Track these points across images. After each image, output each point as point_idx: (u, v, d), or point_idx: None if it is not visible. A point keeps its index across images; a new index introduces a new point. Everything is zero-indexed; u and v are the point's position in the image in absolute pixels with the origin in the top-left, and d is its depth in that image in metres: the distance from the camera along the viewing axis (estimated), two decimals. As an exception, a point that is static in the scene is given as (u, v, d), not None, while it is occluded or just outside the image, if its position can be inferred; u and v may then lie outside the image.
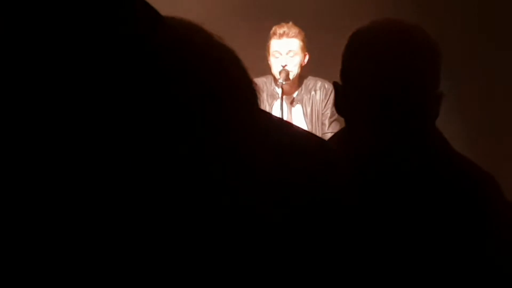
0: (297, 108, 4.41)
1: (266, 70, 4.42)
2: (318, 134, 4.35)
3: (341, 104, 1.64)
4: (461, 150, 1.69)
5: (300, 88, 4.42)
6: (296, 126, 1.26)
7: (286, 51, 4.33)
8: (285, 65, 4.27)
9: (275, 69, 4.31)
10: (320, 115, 4.39)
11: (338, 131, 1.73)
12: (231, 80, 1.05)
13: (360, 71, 1.59)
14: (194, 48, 1.04)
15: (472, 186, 1.59)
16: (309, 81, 4.44)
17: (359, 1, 5.01)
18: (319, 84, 4.42)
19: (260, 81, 4.40)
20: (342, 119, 1.70)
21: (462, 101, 4.88)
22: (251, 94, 1.08)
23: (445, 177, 1.58)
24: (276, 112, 4.26)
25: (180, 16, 1.10)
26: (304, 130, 1.28)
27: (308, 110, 4.39)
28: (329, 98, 4.38)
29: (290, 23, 4.41)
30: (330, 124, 4.37)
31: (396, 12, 4.31)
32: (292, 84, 4.35)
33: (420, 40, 1.60)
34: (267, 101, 4.37)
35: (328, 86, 4.38)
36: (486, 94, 5.11)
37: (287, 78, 4.24)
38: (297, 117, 4.39)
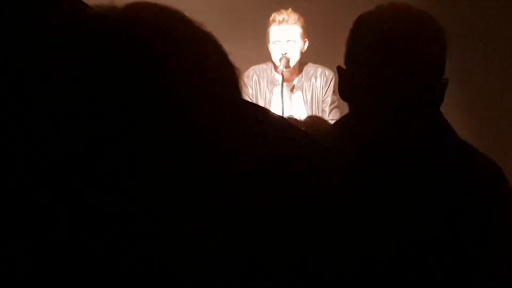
0: (298, 95, 4.39)
1: (266, 57, 4.39)
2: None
3: (345, 89, 1.62)
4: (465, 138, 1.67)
5: (300, 75, 4.40)
6: (278, 116, 1.22)
7: (286, 38, 4.30)
8: (285, 53, 4.25)
9: (275, 56, 4.29)
10: (321, 102, 4.38)
11: (342, 117, 1.71)
12: (207, 67, 1.02)
13: (365, 55, 1.57)
14: (160, 30, 1.00)
15: (477, 173, 1.58)
16: (309, 68, 4.42)
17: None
18: (319, 71, 4.40)
19: (260, 68, 4.38)
20: (342, 106, 1.68)
21: (466, 90, 4.86)
22: (231, 82, 1.04)
23: (449, 163, 1.57)
24: (276, 99, 4.24)
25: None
26: (287, 120, 1.24)
27: (309, 97, 4.37)
28: (329, 85, 4.36)
29: (290, 10, 4.39)
30: (330, 111, 4.35)
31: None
32: (292, 71, 4.33)
33: (426, 25, 1.59)
34: (267, 88, 4.35)
35: (329, 73, 4.36)
36: (490, 83, 5.09)
37: (287, 65, 4.22)
38: (297, 104, 4.38)
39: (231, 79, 1.04)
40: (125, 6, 1.00)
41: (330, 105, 4.36)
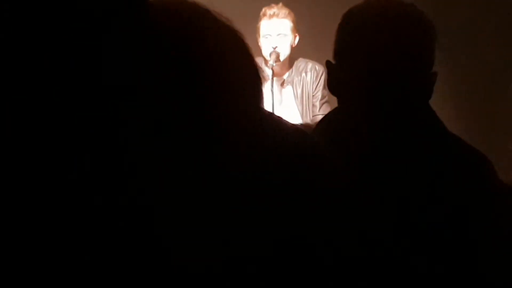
0: (288, 90, 4.39)
1: (256, 52, 4.39)
2: (309, 115, 4.34)
3: (334, 83, 1.63)
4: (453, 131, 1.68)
5: (290, 70, 4.40)
6: (282, 119, 1.22)
7: (276, 32, 4.30)
8: (276, 47, 4.25)
9: (265, 50, 4.28)
10: (311, 97, 4.37)
11: (331, 111, 1.72)
12: (233, 65, 1.02)
13: (354, 50, 1.57)
14: (192, 30, 1.00)
15: (467, 166, 1.58)
16: (300, 63, 4.42)
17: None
18: (309, 65, 4.40)
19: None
20: (332, 101, 1.69)
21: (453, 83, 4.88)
22: (254, 83, 1.05)
23: (439, 156, 1.57)
24: (266, 93, 4.23)
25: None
26: (291, 124, 1.25)
27: (299, 91, 4.37)
28: (320, 80, 4.36)
29: (280, 4, 4.38)
30: (321, 106, 4.36)
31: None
32: (282, 66, 4.33)
33: (415, 19, 1.59)
34: (258, 82, 4.34)
35: (319, 68, 4.36)
36: (478, 77, 5.11)
37: (277, 59, 4.22)
38: (288, 98, 4.38)
39: (254, 86, 1.05)
40: (154, 2, 0.99)
41: (321, 100, 4.37)
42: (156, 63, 0.91)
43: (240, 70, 1.03)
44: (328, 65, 1.64)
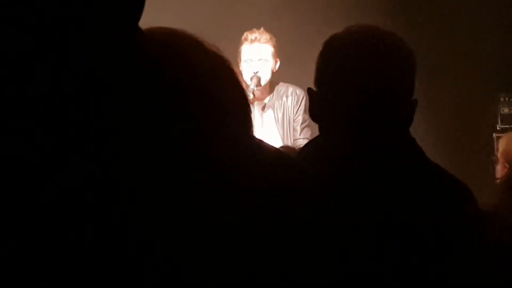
0: (269, 114, 4.40)
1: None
2: (290, 140, 4.35)
3: (315, 110, 1.63)
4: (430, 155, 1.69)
5: (271, 94, 4.42)
6: (268, 144, 1.23)
7: (257, 57, 4.32)
8: (257, 71, 4.27)
9: (246, 74, 4.30)
10: (292, 121, 4.39)
11: (312, 139, 1.72)
12: (221, 91, 1.02)
13: (335, 78, 1.58)
14: (179, 57, 1.00)
15: (446, 193, 1.59)
16: (281, 87, 4.44)
17: (330, 8, 5.02)
18: (290, 90, 4.42)
19: (232, 87, 4.38)
20: (313, 125, 1.69)
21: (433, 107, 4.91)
22: (242, 108, 1.05)
23: (418, 184, 1.58)
24: (248, 118, 4.24)
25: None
26: (276, 149, 1.25)
27: (280, 116, 4.38)
28: (300, 104, 4.38)
29: (262, 29, 4.41)
30: (301, 130, 4.37)
31: (366, 18, 4.33)
32: (263, 90, 4.35)
33: (395, 47, 1.60)
34: (239, 107, 4.35)
35: (300, 92, 4.38)
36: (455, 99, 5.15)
37: (258, 83, 4.24)
38: (269, 123, 4.39)
39: (244, 113, 1.04)
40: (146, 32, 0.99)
41: (301, 124, 4.38)
42: (144, 93, 0.91)
43: (231, 98, 1.04)
44: (309, 92, 1.65)
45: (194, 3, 5.14)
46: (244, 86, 4.11)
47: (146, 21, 1.08)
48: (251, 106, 3.85)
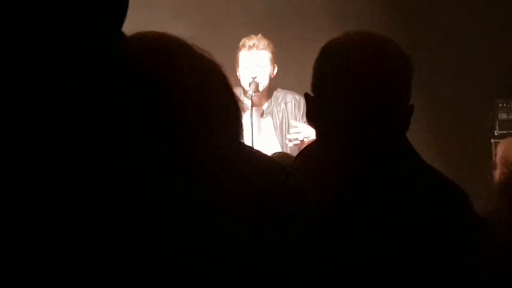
0: (267, 120, 4.40)
1: (235, 82, 4.41)
2: (288, 145, 4.35)
3: (312, 115, 1.64)
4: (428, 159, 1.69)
5: (269, 100, 4.42)
6: (260, 152, 1.23)
7: (255, 63, 4.32)
8: (255, 77, 4.27)
9: (244, 81, 4.30)
10: (290, 127, 4.39)
11: (310, 143, 1.73)
12: (213, 99, 1.02)
13: (332, 83, 1.59)
14: (167, 61, 1.00)
15: (443, 199, 1.59)
16: (279, 93, 4.44)
17: (327, 14, 5.04)
18: (289, 96, 4.42)
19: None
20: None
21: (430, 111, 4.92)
22: (231, 112, 1.05)
23: (415, 188, 1.58)
24: (245, 124, 4.23)
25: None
26: (268, 157, 1.25)
27: (278, 122, 4.38)
28: (302, 109, 4.36)
29: (260, 35, 4.41)
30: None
31: (363, 24, 4.34)
32: (261, 96, 4.35)
33: (392, 53, 1.61)
34: (237, 113, 4.35)
35: (299, 98, 4.37)
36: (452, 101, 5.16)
37: (256, 89, 4.24)
38: (267, 129, 4.39)
39: (234, 118, 1.04)
40: (134, 37, 0.99)
41: (306, 126, 4.37)
42: (134, 98, 0.91)
43: (220, 103, 1.04)
44: (306, 97, 1.66)
45: (192, 9, 5.15)
46: (240, 92, 4.09)
47: (141, 25, 1.09)
48: (249, 111, 3.81)
